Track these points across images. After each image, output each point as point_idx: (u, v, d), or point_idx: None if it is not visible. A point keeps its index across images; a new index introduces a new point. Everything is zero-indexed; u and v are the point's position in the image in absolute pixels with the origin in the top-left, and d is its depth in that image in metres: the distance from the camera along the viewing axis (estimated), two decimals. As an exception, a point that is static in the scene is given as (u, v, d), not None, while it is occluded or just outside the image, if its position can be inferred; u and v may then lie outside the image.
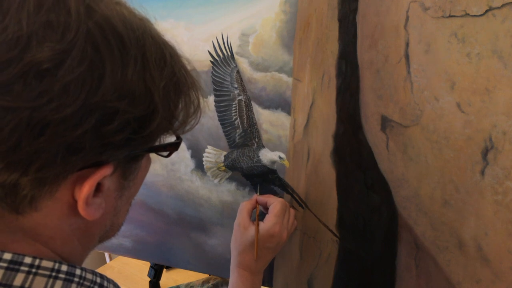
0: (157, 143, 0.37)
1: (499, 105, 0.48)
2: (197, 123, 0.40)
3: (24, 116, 0.25)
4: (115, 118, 0.29)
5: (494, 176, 0.50)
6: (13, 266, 0.29)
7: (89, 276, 0.34)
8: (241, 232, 0.65)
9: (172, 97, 0.34)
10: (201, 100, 0.39)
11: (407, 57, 0.56)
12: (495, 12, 0.47)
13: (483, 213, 0.51)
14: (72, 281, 0.32)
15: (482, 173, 0.51)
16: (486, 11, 0.48)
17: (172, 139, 0.39)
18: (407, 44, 0.55)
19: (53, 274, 0.31)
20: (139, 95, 0.30)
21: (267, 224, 0.64)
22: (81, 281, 0.33)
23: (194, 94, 0.38)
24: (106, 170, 0.31)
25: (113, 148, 0.30)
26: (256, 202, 0.69)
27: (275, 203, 0.66)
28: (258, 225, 0.64)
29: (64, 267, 0.32)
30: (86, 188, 0.30)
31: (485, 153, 0.50)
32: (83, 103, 0.27)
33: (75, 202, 0.31)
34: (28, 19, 0.26)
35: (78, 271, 0.33)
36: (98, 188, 0.32)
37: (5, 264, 0.29)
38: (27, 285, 0.29)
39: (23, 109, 0.25)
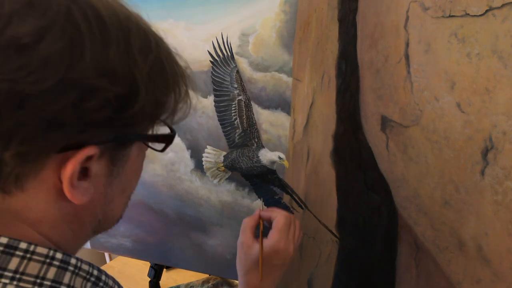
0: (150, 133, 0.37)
1: (499, 105, 0.48)
2: (188, 113, 0.40)
3: (3, 87, 0.26)
4: (95, 96, 0.29)
5: (494, 176, 0.50)
6: (9, 250, 0.30)
7: (85, 267, 0.34)
8: (245, 251, 0.62)
9: (158, 83, 0.35)
10: (190, 90, 0.39)
11: (407, 57, 0.56)
12: (495, 12, 0.47)
13: (483, 213, 0.51)
14: (66, 269, 0.32)
15: (482, 173, 0.51)
16: (486, 11, 0.48)
17: (165, 131, 0.39)
18: (407, 44, 0.55)
19: (47, 260, 0.31)
20: (121, 75, 0.31)
21: (271, 240, 0.61)
22: (76, 270, 0.33)
23: (183, 83, 0.38)
24: (90, 151, 0.31)
25: (95, 127, 0.30)
26: (259, 217, 0.66)
27: (278, 218, 0.63)
28: (262, 242, 0.61)
29: (58, 255, 0.32)
30: (69, 168, 0.30)
31: (485, 153, 0.50)
32: (62, 78, 0.28)
33: (61, 185, 0.31)
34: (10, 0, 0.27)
35: (73, 261, 0.33)
36: (86, 172, 0.33)
37: (1, 248, 0.30)
38: (21, 269, 0.30)
39: (3, 81, 0.26)
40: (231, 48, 0.75)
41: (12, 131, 0.27)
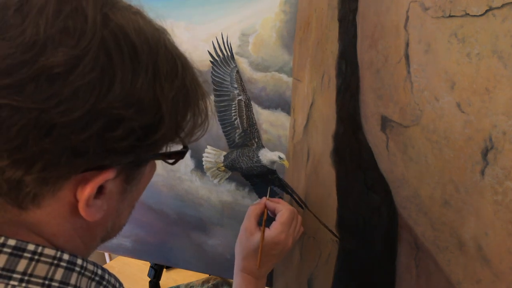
0: (162, 151, 0.37)
1: (499, 105, 0.48)
2: (203, 134, 0.40)
3: (32, 116, 0.26)
4: (121, 125, 0.29)
5: (494, 176, 0.50)
6: (17, 252, 0.30)
7: (90, 267, 0.35)
8: (247, 237, 0.64)
9: (180, 108, 0.35)
10: (209, 112, 0.39)
11: (407, 57, 0.56)
12: (495, 12, 0.47)
13: (483, 213, 0.51)
14: (73, 270, 0.33)
15: (482, 173, 0.51)
16: (486, 11, 0.48)
17: (178, 147, 0.39)
18: (407, 44, 0.55)
19: (55, 262, 0.32)
20: (147, 104, 0.31)
21: (273, 231, 0.63)
22: (82, 271, 0.34)
23: (203, 106, 0.38)
24: (109, 174, 0.31)
25: (117, 153, 0.31)
26: (265, 206, 0.68)
27: (283, 211, 0.65)
28: (264, 232, 0.63)
29: (66, 256, 0.33)
30: (88, 190, 0.31)
31: (485, 153, 0.50)
32: (91, 109, 0.28)
33: (76, 202, 0.32)
34: (46, 24, 0.27)
35: (79, 261, 0.34)
36: (100, 190, 0.33)
37: (9, 250, 0.30)
38: (29, 271, 0.30)
39: (32, 110, 0.26)
40: (231, 48, 0.75)
41: (36, 157, 0.28)
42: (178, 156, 0.39)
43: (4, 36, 0.27)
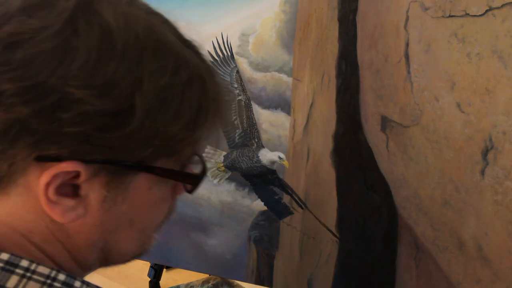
0: (168, 167, 0.34)
1: (499, 105, 0.48)
2: (212, 155, 0.37)
3: None
4: (75, 107, 0.28)
5: (494, 176, 0.50)
6: (9, 268, 0.29)
7: None
8: None
9: (167, 111, 0.31)
10: (220, 128, 0.36)
11: (407, 57, 0.56)
12: (495, 12, 0.47)
13: (483, 213, 0.51)
14: None
15: (482, 173, 0.51)
16: (486, 11, 0.48)
17: (195, 168, 0.36)
18: (407, 44, 0.55)
19: (48, 281, 0.29)
20: (115, 91, 0.29)
21: None
22: None
23: (211, 119, 0.34)
24: (68, 166, 0.29)
25: (73, 141, 0.29)
26: None
27: None
28: None
29: (61, 276, 0.30)
30: (43, 178, 0.29)
31: (485, 153, 0.50)
32: (42, 81, 0.27)
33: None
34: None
35: (77, 284, 0.31)
36: (77, 192, 0.31)
37: (1, 264, 0.29)
38: None
39: None
40: (231, 48, 0.75)
41: None
42: (185, 179, 0.36)
43: None
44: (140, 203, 0.35)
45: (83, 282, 0.31)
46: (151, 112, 0.30)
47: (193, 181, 0.38)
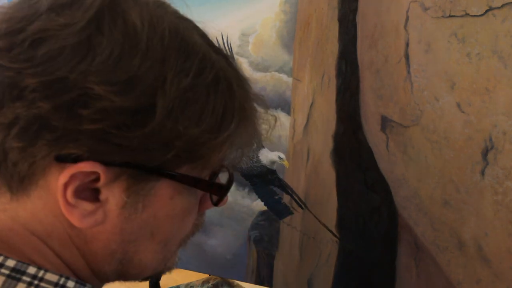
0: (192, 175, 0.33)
1: (499, 105, 0.48)
2: (241, 160, 0.36)
3: (9, 75, 0.27)
4: (93, 103, 0.27)
5: (494, 176, 0.50)
6: (15, 275, 0.28)
7: None
8: None
9: (190, 112, 0.30)
10: (257, 142, 0.35)
11: (407, 57, 0.56)
12: (495, 12, 0.47)
13: (483, 213, 0.51)
14: None
15: (482, 173, 0.51)
16: (486, 11, 0.48)
17: (223, 178, 0.35)
18: (407, 44, 0.55)
19: None
20: (136, 89, 0.28)
21: None
22: None
23: (237, 123, 0.33)
24: (86, 166, 0.28)
25: (91, 139, 0.28)
26: None
27: None
28: None
29: (70, 284, 0.29)
30: (61, 179, 0.28)
31: (485, 153, 0.50)
32: (63, 76, 0.27)
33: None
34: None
35: None
36: (97, 196, 0.30)
37: (7, 272, 0.28)
38: None
39: (10, 69, 0.27)
40: (231, 48, 0.75)
41: (12, 123, 0.27)
42: (212, 189, 0.35)
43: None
44: (162, 213, 0.34)
45: None
46: (172, 112, 0.29)
47: (219, 191, 0.36)
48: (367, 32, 0.60)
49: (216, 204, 0.37)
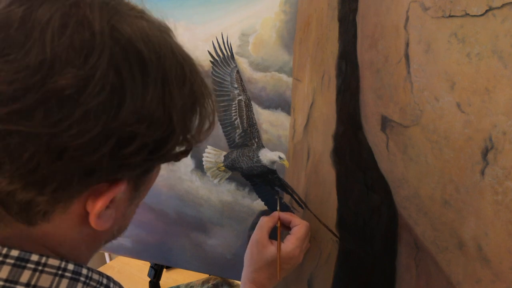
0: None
1: (499, 105, 0.48)
2: (210, 133, 0.39)
3: (43, 141, 0.25)
4: (134, 142, 0.29)
5: (494, 176, 0.50)
6: (20, 263, 0.29)
7: (95, 276, 0.34)
8: (259, 250, 0.64)
9: (189, 114, 0.34)
10: (215, 112, 0.39)
11: (407, 57, 0.56)
12: (495, 12, 0.47)
13: (483, 213, 0.51)
14: (78, 280, 0.32)
15: (482, 173, 0.51)
16: (486, 11, 0.48)
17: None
18: (407, 44, 0.55)
19: (59, 272, 0.31)
20: (158, 117, 0.30)
21: (288, 246, 0.63)
22: (87, 281, 0.33)
23: (210, 106, 0.37)
24: (121, 187, 0.31)
25: (130, 168, 0.30)
26: (279, 219, 0.68)
27: (300, 226, 0.65)
28: (280, 245, 0.63)
29: (70, 266, 0.32)
30: (100, 204, 0.31)
31: (485, 153, 0.50)
32: (103, 129, 0.27)
33: (87, 213, 0.31)
34: (52, 42, 0.25)
35: (84, 271, 0.33)
36: (111, 200, 0.32)
37: (12, 261, 0.29)
38: (33, 282, 0.29)
39: (43, 135, 0.25)
40: (231, 48, 0.75)
41: (48, 179, 0.27)
42: (183, 155, 0.38)
43: (8, 58, 0.25)
44: (149, 186, 0.39)
45: (88, 268, 0.34)
46: (182, 121, 0.33)
47: (186, 155, 0.39)
48: (367, 32, 0.60)
49: (178, 160, 0.40)
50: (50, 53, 0.25)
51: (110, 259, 1.44)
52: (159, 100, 0.30)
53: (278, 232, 0.66)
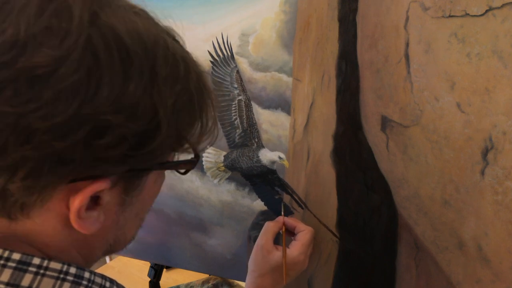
0: (170, 159, 0.36)
1: (499, 105, 0.48)
2: (213, 142, 0.38)
3: (10, 121, 0.25)
4: (109, 133, 0.28)
5: (494, 176, 0.50)
6: (21, 267, 0.29)
7: (98, 280, 0.33)
8: (264, 255, 0.63)
9: (183, 115, 0.33)
10: (217, 119, 0.38)
11: (407, 57, 0.56)
12: (495, 12, 0.47)
13: (483, 213, 0.51)
14: (80, 284, 0.31)
15: (482, 173, 0.50)
16: (486, 11, 0.48)
17: (188, 155, 0.37)
18: (407, 44, 0.55)
19: (61, 276, 0.30)
20: (141, 110, 0.29)
21: (294, 252, 0.63)
22: (90, 284, 0.32)
23: (212, 112, 0.36)
24: (101, 185, 0.30)
25: (108, 163, 0.29)
26: (283, 225, 0.67)
27: (305, 232, 0.65)
28: (285, 251, 0.63)
29: (72, 269, 0.31)
30: (78, 201, 0.30)
31: (485, 153, 0.50)
32: (74, 114, 0.26)
33: (69, 213, 0.31)
34: (28, 23, 0.25)
35: (87, 274, 0.32)
36: (97, 201, 0.32)
37: (13, 264, 0.29)
38: (34, 285, 0.29)
39: (10, 114, 0.25)
40: (231, 48, 0.75)
41: (18, 165, 0.26)
42: (187, 166, 0.37)
43: None
44: (147, 196, 0.38)
45: (91, 272, 0.33)
46: (172, 119, 0.31)
47: (193, 164, 0.39)
48: (367, 32, 0.60)
49: (185, 173, 0.40)
50: (25, 33, 0.25)
51: (110, 259, 1.44)
52: (144, 92, 0.29)
53: (283, 238, 0.66)
